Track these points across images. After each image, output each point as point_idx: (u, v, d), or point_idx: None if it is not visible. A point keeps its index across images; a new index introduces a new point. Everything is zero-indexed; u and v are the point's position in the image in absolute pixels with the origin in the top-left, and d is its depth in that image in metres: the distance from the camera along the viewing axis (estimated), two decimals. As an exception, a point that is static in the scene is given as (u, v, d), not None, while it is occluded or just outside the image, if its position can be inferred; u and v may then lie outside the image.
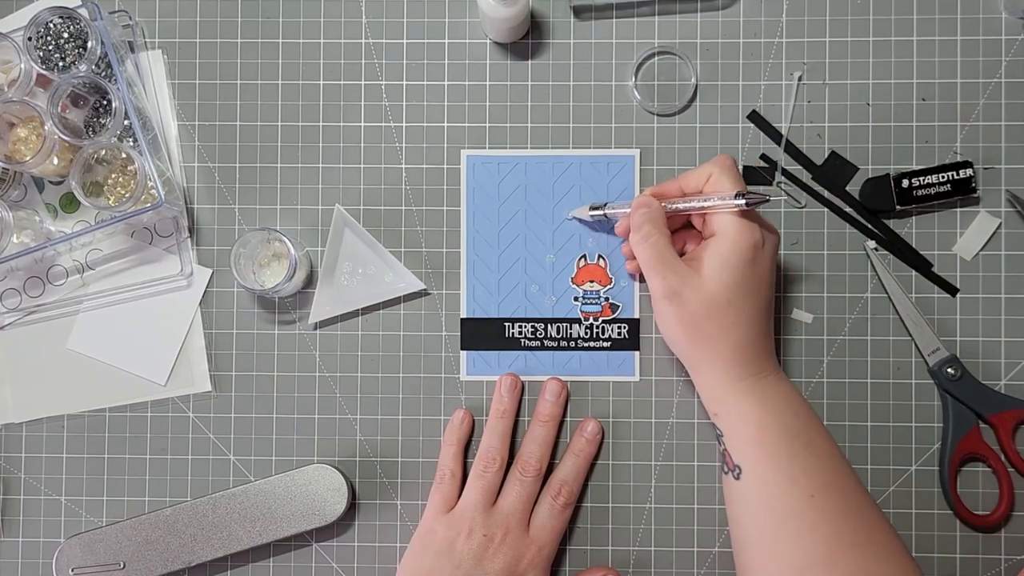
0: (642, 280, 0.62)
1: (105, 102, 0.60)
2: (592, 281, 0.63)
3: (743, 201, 0.51)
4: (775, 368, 0.55)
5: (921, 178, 0.60)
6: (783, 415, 0.53)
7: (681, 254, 0.56)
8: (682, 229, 0.58)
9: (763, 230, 0.53)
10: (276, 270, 0.62)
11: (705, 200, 0.53)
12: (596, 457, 0.62)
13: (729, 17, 0.63)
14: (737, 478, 0.53)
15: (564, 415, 0.62)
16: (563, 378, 0.62)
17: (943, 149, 0.62)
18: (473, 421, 0.62)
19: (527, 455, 0.60)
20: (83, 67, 0.59)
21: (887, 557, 0.51)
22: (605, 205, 0.60)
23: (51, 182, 0.64)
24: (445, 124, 0.63)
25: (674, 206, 0.55)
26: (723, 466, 0.55)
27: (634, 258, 0.58)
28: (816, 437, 0.53)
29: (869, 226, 0.62)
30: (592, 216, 0.61)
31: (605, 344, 0.62)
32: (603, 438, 0.62)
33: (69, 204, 0.64)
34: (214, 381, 0.63)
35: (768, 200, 0.52)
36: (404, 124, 0.64)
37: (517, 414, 0.62)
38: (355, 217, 0.63)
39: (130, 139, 0.60)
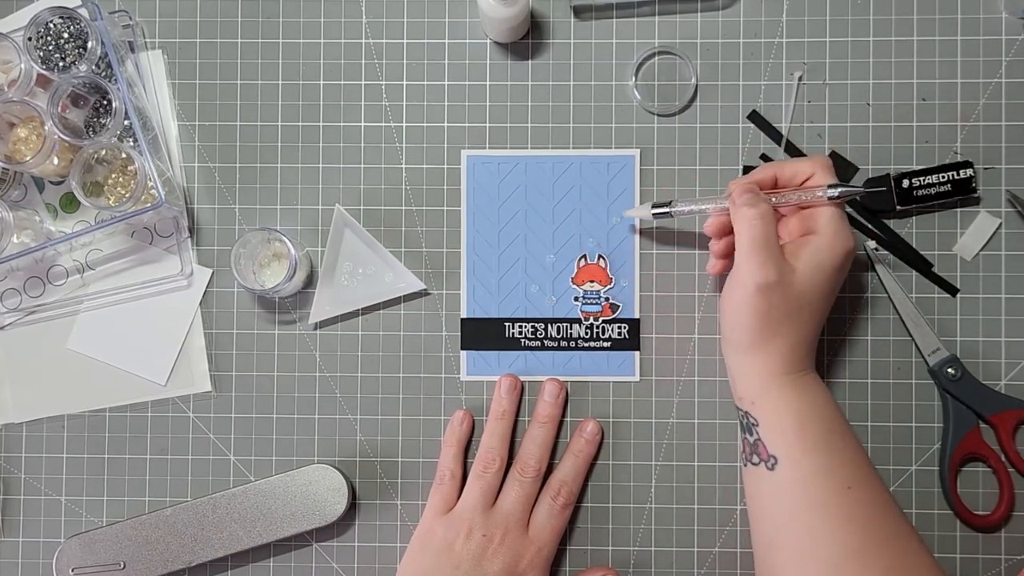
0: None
1: (105, 102, 0.60)
2: (592, 281, 0.63)
3: (836, 192, 0.53)
4: (813, 366, 0.55)
5: (921, 178, 0.60)
6: (822, 408, 0.53)
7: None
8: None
9: (854, 238, 0.54)
10: (276, 270, 0.62)
11: (804, 194, 0.54)
12: (596, 457, 0.62)
13: (729, 17, 0.63)
14: (771, 468, 0.52)
15: (564, 415, 0.62)
16: (563, 378, 0.62)
17: (943, 149, 0.62)
18: (473, 422, 0.62)
19: (526, 455, 0.60)
20: (83, 67, 0.59)
21: (917, 551, 0.51)
22: (670, 203, 0.58)
23: (51, 182, 0.64)
24: (445, 124, 0.63)
25: (784, 199, 0.54)
26: (751, 457, 0.54)
27: (724, 257, 0.57)
28: (849, 433, 0.54)
29: (869, 226, 0.62)
30: (655, 215, 0.59)
31: (605, 344, 0.62)
32: (603, 438, 0.62)
33: (69, 204, 0.64)
34: (214, 381, 0.63)
35: (860, 192, 0.54)
36: (404, 124, 0.64)
37: (517, 414, 0.62)
38: (355, 217, 0.63)
39: (130, 139, 0.60)
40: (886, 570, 0.49)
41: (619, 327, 0.62)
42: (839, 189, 0.53)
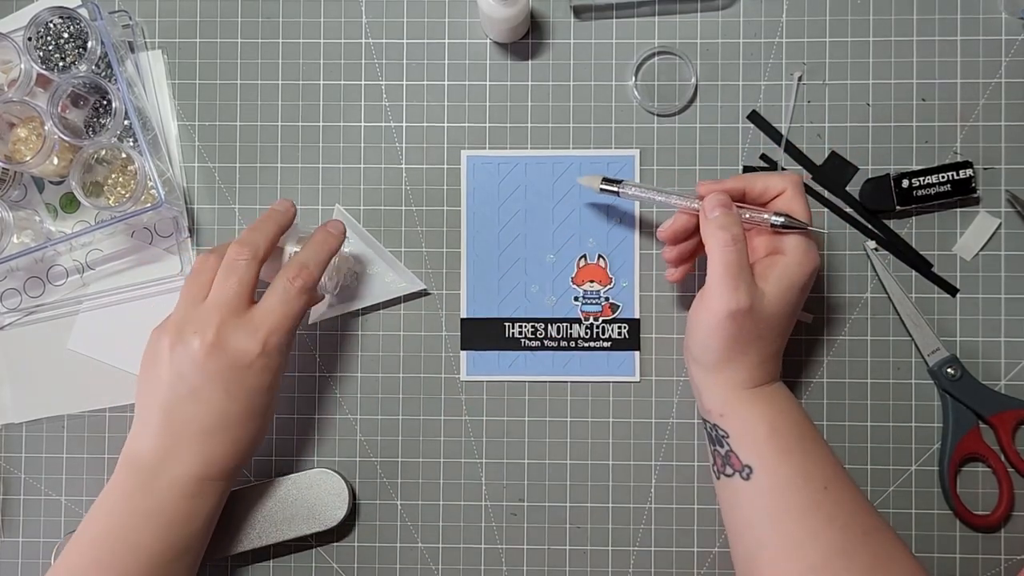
0: (690, 287, 0.62)
1: (105, 102, 0.60)
2: (592, 281, 0.63)
3: (780, 221, 0.53)
4: (778, 376, 0.55)
5: (921, 178, 0.60)
6: (792, 415, 0.53)
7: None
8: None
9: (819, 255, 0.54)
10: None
11: (767, 215, 0.53)
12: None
13: (729, 17, 0.63)
14: (747, 478, 0.52)
15: (564, 415, 0.62)
16: (563, 378, 0.62)
17: (943, 149, 0.62)
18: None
19: (247, 240, 0.54)
20: (83, 67, 0.59)
21: (895, 544, 0.51)
22: (622, 183, 0.57)
23: (51, 182, 0.64)
24: (445, 124, 0.63)
25: (751, 215, 0.54)
26: (724, 469, 0.53)
27: (681, 263, 0.57)
28: (819, 435, 0.54)
29: (869, 226, 0.62)
30: (602, 190, 0.58)
31: (605, 344, 0.62)
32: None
33: (69, 204, 0.64)
34: (214, 381, 0.63)
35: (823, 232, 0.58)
36: (404, 124, 0.64)
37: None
38: (355, 217, 0.63)
39: (130, 139, 0.60)
40: (868, 566, 0.49)
41: (619, 327, 0.62)
42: (783, 219, 0.53)
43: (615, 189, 0.58)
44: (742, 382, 0.53)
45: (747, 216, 0.54)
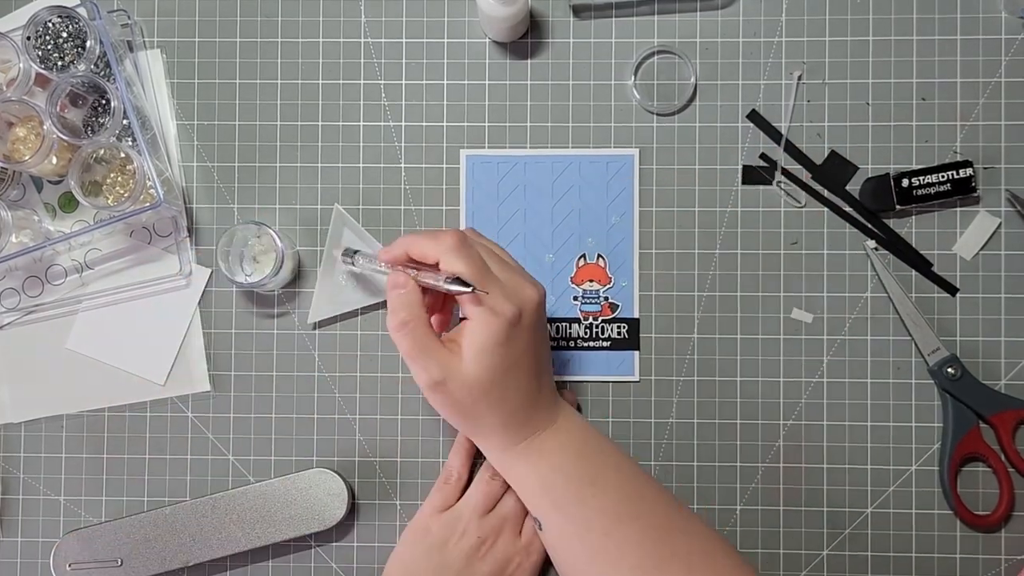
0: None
1: (104, 101, 0.60)
2: (591, 280, 0.62)
3: (468, 289, 0.48)
4: (552, 419, 0.54)
5: (921, 177, 0.60)
6: (563, 465, 0.53)
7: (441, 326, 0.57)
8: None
9: (518, 300, 0.50)
10: (264, 264, 0.62)
11: (439, 280, 0.49)
12: None
13: (728, 16, 0.63)
14: (541, 529, 0.55)
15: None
16: (562, 378, 0.62)
17: (943, 148, 0.62)
18: None
19: None
20: (82, 66, 0.59)
21: (704, 560, 0.52)
22: (356, 253, 0.58)
23: (50, 181, 0.64)
24: (444, 123, 0.63)
25: (424, 280, 0.51)
26: (532, 517, 0.56)
27: (440, 324, 0.57)
28: (603, 474, 0.54)
29: (869, 225, 0.62)
30: (345, 262, 0.59)
31: (605, 344, 0.62)
32: None
33: (68, 204, 0.64)
34: (213, 381, 0.63)
35: (486, 293, 0.49)
36: (403, 123, 0.63)
37: None
38: (354, 216, 0.63)
39: (129, 138, 0.60)
40: None
41: (618, 327, 0.62)
42: (453, 283, 0.48)
43: (350, 262, 0.58)
44: (498, 445, 0.54)
45: (429, 281, 0.50)
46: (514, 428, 0.53)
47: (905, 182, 0.60)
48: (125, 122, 0.60)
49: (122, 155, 0.59)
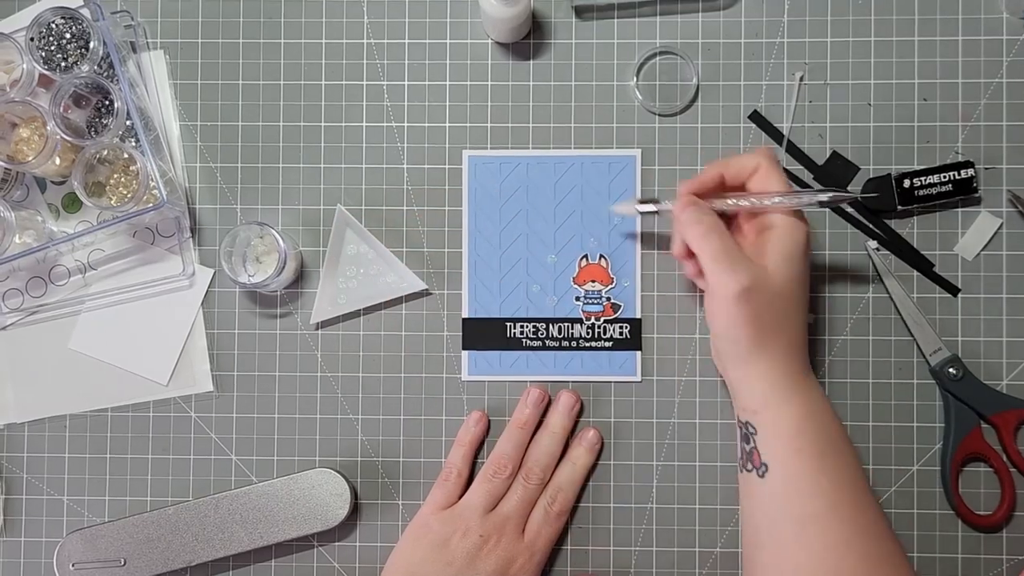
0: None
1: (107, 102, 0.60)
2: (594, 281, 0.63)
3: (826, 197, 0.53)
4: (810, 368, 0.55)
5: (923, 178, 0.60)
6: (821, 420, 0.53)
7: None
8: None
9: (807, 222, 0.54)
10: (266, 264, 0.62)
11: (773, 199, 0.53)
12: (593, 467, 0.62)
13: (731, 17, 0.63)
14: (761, 476, 0.52)
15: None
16: (563, 379, 0.62)
17: (944, 149, 0.62)
18: (488, 423, 0.62)
19: (532, 462, 0.60)
20: (85, 67, 0.59)
21: None
22: (656, 201, 0.58)
23: (53, 182, 0.64)
24: (447, 124, 0.63)
25: (734, 203, 0.54)
26: (746, 464, 0.54)
27: (691, 257, 0.56)
28: (846, 451, 0.53)
29: (870, 226, 0.62)
30: (641, 211, 0.59)
31: (607, 344, 0.62)
32: (603, 447, 0.62)
33: (71, 204, 0.64)
34: (216, 381, 0.63)
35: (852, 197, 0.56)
36: (406, 124, 0.64)
37: (537, 426, 0.62)
38: (357, 217, 0.63)
39: (132, 139, 0.60)
40: None
41: (620, 327, 0.62)
42: (829, 194, 0.54)
43: (654, 208, 0.58)
44: (778, 371, 0.52)
45: (771, 202, 0.53)
46: (792, 359, 0.52)
47: (907, 182, 0.60)
48: (128, 123, 0.60)
49: (125, 156, 0.59)
